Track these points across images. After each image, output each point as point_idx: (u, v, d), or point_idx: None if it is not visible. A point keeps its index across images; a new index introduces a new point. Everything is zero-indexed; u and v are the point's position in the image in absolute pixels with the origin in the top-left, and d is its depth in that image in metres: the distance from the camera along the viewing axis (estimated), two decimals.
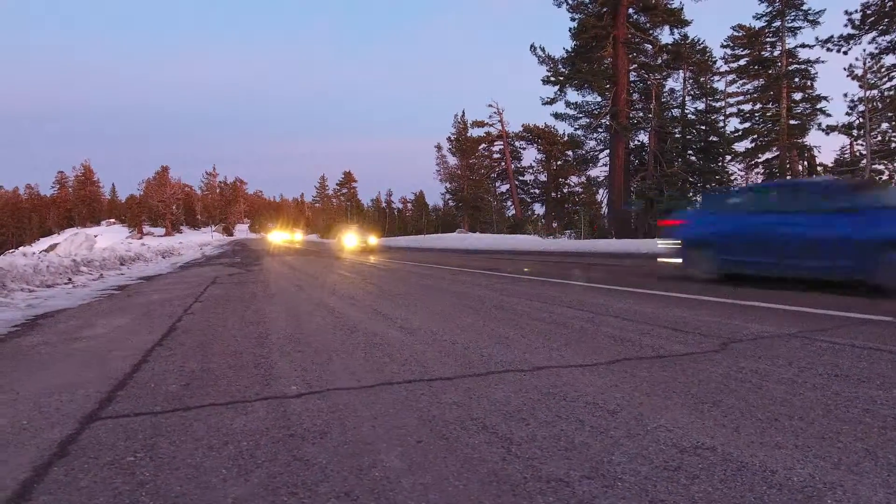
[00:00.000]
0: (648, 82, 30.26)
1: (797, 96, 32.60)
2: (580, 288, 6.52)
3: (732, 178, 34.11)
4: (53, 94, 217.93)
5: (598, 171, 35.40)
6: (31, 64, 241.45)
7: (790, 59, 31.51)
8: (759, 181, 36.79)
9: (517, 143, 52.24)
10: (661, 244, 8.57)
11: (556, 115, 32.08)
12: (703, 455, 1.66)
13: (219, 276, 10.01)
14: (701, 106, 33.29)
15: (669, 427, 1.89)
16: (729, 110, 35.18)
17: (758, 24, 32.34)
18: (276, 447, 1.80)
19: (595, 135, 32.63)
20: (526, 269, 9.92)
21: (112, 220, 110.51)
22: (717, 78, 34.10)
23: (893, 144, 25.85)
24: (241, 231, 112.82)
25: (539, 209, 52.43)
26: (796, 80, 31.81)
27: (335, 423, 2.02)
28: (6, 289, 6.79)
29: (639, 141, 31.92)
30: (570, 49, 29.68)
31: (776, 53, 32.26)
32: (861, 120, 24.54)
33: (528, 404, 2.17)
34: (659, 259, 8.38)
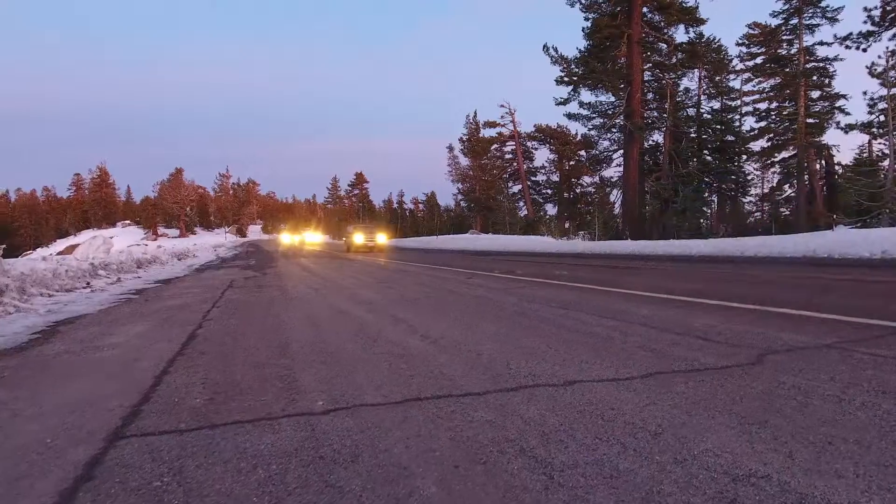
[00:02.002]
0: (663, 82, 30.00)
1: (815, 94, 32.14)
2: (600, 292, 6.41)
3: (749, 177, 33.74)
4: (70, 98, 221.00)
5: (612, 172, 35.22)
6: (48, 67, 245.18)
7: (808, 57, 31.05)
8: (776, 181, 36.37)
9: (529, 144, 52.12)
10: None
11: (570, 116, 31.92)
12: (759, 485, 1.57)
13: (235, 280, 10.03)
14: (716, 105, 33.03)
15: (717, 451, 1.80)
16: (745, 109, 34.82)
17: (774, 22, 31.95)
18: (307, 471, 1.74)
19: (609, 135, 32.43)
20: (542, 272, 9.81)
21: (127, 222, 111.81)
22: (732, 77, 33.78)
23: None
24: (254, 232, 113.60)
25: (551, 210, 52.22)
26: (814, 78, 31.34)
27: (366, 443, 1.95)
28: (26, 293, 6.83)
29: (653, 141, 31.71)
30: (583, 49, 29.52)
31: (793, 51, 31.83)
32: (882, 118, 24.10)
33: (564, 424, 2.09)
34: None
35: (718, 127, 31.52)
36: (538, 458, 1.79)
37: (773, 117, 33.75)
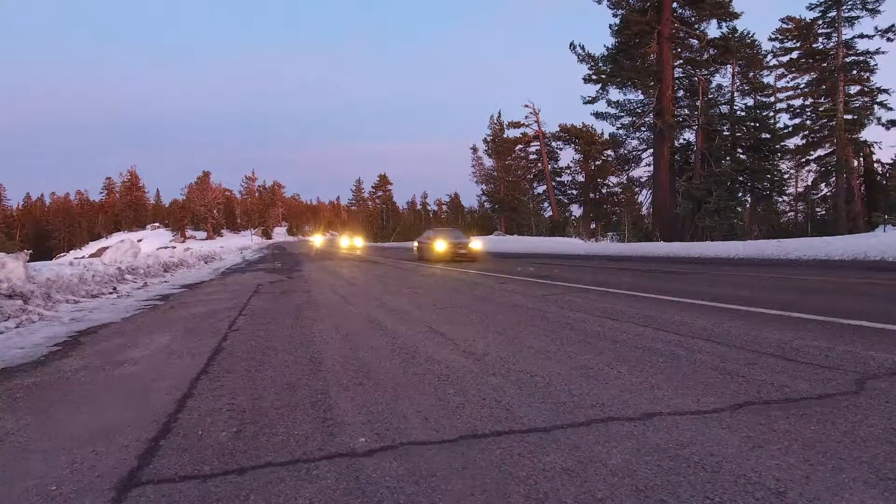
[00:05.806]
0: (694, 78, 29.19)
1: (853, 89, 30.91)
2: (646, 300, 5.99)
3: (785, 176, 32.64)
4: (101, 104, 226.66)
5: (641, 172, 34.45)
6: (80, 75, 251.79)
7: (847, 51, 29.89)
8: (811, 180, 35.15)
9: (554, 144, 51.41)
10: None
11: (597, 115, 31.28)
12: None
13: (261, 285, 9.83)
14: (750, 102, 31.99)
15: None
16: (779, 106, 33.69)
17: (810, 15, 30.86)
18: None
19: (638, 134, 31.66)
20: (576, 276, 9.40)
21: (157, 224, 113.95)
22: (766, 73, 32.70)
23: None
24: (279, 234, 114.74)
25: (577, 210, 51.45)
26: (853, 72, 30.14)
27: (423, 500, 1.62)
28: (51, 300, 6.69)
29: (684, 139, 30.86)
30: (611, 46, 28.91)
31: (830, 45, 30.70)
32: None
33: (659, 476, 1.73)
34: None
35: (753, 124, 30.54)
36: None
37: (809, 114, 32.60)
